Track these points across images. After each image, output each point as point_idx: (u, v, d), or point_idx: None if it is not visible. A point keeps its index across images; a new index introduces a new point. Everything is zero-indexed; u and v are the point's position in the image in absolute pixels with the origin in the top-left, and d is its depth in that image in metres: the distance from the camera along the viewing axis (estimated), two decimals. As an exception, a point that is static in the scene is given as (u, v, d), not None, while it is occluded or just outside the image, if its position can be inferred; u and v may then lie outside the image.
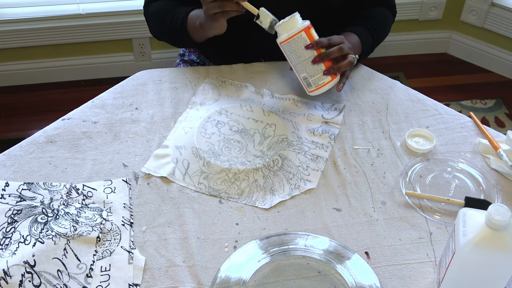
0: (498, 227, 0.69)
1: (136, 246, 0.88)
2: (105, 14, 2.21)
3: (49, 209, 0.91)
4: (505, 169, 1.00)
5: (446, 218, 0.93)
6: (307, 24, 1.05)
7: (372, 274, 0.83)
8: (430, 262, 0.86)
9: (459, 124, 1.12)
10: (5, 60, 2.30)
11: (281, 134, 1.07)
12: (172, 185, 0.99)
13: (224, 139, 1.06)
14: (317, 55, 1.06)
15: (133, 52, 2.37)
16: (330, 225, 0.92)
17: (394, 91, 1.20)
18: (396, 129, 1.11)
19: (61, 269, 0.82)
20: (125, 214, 0.93)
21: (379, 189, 0.98)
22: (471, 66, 2.51)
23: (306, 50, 1.05)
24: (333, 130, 1.10)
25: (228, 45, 1.29)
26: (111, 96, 1.18)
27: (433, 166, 1.02)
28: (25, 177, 0.99)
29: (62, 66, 2.36)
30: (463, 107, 2.26)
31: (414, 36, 2.52)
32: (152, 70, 1.26)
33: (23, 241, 0.84)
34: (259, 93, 1.19)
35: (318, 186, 0.99)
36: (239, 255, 0.86)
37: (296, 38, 1.04)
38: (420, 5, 2.40)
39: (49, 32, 2.22)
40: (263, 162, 1.01)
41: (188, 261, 0.86)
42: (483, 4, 2.32)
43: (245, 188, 0.98)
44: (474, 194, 0.97)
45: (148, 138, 1.08)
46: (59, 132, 1.08)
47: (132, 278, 0.83)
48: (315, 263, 0.85)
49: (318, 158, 1.04)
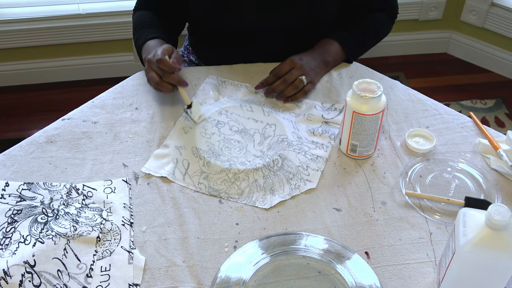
0: (498, 227, 0.69)
1: (136, 246, 0.88)
2: (105, 14, 2.21)
3: (49, 209, 0.91)
4: (505, 169, 1.00)
5: (446, 218, 0.93)
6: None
7: (372, 274, 0.83)
8: (430, 262, 0.86)
9: (459, 124, 1.12)
10: (5, 60, 2.30)
11: (281, 134, 1.07)
12: (172, 185, 0.99)
13: (224, 139, 1.06)
14: (265, 91, 1.18)
15: (133, 52, 2.37)
16: (330, 225, 0.92)
17: (394, 91, 1.20)
18: (396, 129, 1.11)
19: (61, 269, 0.82)
20: (125, 214, 0.93)
21: (379, 189, 0.98)
22: (471, 66, 2.51)
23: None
24: (333, 130, 1.10)
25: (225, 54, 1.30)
26: (111, 96, 1.18)
27: (433, 166, 1.02)
28: (25, 177, 0.99)
29: (62, 66, 2.36)
30: (463, 107, 2.26)
31: (414, 36, 2.52)
32: (152, 70, 1.26)
33: (23, 241, 0.84)
34: (259, 93, 1.19)
35: (318, 186, 0.99)
36: (239, 255, 0.86)
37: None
38: (420, 5, 2.40)
39: (49, 32, 2.22)
40: (263, 162, 1.01)
41: (188, 261, 0.86)
42: (483, 4, 2.32)
43: (245, 188, 0.98)
44: (474, 194, 0.97)
45: (148, 138, 1.08)
46: (59, 132, 1.08)
47: (132, 278, 0.83)
48: (315, 263, 0.85)
49: (318, 158, 1.04)
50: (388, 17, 1.34)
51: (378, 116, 0.97)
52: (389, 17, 1.34)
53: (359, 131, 0.99)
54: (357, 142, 1.01)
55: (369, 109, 0.96)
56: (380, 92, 0.96)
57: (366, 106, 0.96)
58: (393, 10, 1.35)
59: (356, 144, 1.01)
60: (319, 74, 1.22)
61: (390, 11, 1.34)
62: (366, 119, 0.97)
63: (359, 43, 1.28)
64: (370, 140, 1.01)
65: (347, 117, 0.99)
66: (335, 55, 1.24)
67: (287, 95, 1.16)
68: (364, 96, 0.95)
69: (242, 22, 1.23)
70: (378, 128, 1.00)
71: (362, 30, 1.28)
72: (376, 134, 1.01)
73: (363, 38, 1.28)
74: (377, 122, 0.98)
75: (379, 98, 0.96)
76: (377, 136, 1.01)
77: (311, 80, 1.18)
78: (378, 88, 0.96)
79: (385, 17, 1.33)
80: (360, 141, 1.00)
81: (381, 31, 1.34)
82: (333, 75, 1.24)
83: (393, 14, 1.35)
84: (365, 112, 0.96)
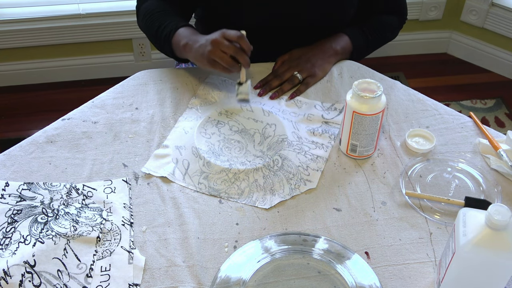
0: (498, 227, 0.69)
1: (136, 246, 0.88)
2: (105, 14, 2.21)
3: (49, 209, 0.91)
4: (505, 169, 1.00)
5: (446, 218, 0.93)
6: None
7: (372, 274, 0.83)
8: (430, 262, 0.86)
9: (459, 124, 1.12)
10: (5, 60, 2.30)
11: (281, 134, 1.07)
12: (172, 185, 0.99)
13: (224, 139, 1.06)
14: (262, 88, 1.20)
15: (133, 52, 2.37)
16: (330, 225, 0.92)
17: (394, 91, 1.20)
18: (396, 129, 1.11)
19: (61, 269, 0.82)
20: (125, 214, 0.93)
21: (379, 189, 0.98)
22: (471, 66, 2.51)
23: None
24: (333, 130, 1.10)
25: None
26: (111, 96, 1.18)
27: (433, 166, 1.02)
28: (25, 177, 0.99)
29: (62, 66, 2.36)
30: (463, 107, 2.26)
31: (414, 36, 2.52)
32: (152, 70, 1.26)
33: (23, 241, 0.84)
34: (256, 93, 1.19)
35: (318, 186, 0.99)
36: (239, 255, 0.86)
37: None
38: (420, 5, 2.40)
39: (49, 32, 2.22)
40: (263, 162, 1.01)
41: (188, 261, 0.86)
42: (483, 4, 2.32)
43: (245, 188, 0.98)
44: (474, 194, 0.97)
45: (148, 138, 1.08)
46: (59, 132, 1.08)
47: (132, 278, 0.83)
48: (315, 263, 0.85)
49: (318, 158, 1.04)
50: (398, 21, 1.36)
51: (378, 116, 0.97)
52: (398, 22, 1.36)
53: (359, 131, 0.99)
54: (357, 142, 1.01)
55: (369, 109, 0.96)
56: (380, 92, 0.96)
57: (366, 106, 0.96)
58: (403, 15, 1.38)
59: (356, 144, 1.01)
60: (325, 65, 1.23)
61: (401, 16, 1.37)
62: (366, 119, 0.97)
63: (367, 40, 1.30)
64: (370, 140, 1.01)
65: (347, 117, 0.99)
66: (344, 45, 1.26)
67: (284, 90, 1.19)
68: (364, 96, 0.95)
69: (257, 19, 1.24)
70: (378, 128, 1.00)
71: (372, 29, 1.31)
72: (376, 134, 1.01)
73: (372, 37, 1.31)
74: (377, 122, 0.98)
75: (379, 98, 0.96)
76: (377, 136, 1.02)
77: (310, 74, 1.20)
78: (378, 88, 0.96)
79: (395, 20, 1.35)
80: (360, 141, 1.00)
81: (389, 34, 1.37)
82: (333, 75, 1.24)
83: (402, 19, 1.38)
84: (365, 112, 0.96)
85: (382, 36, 1.34)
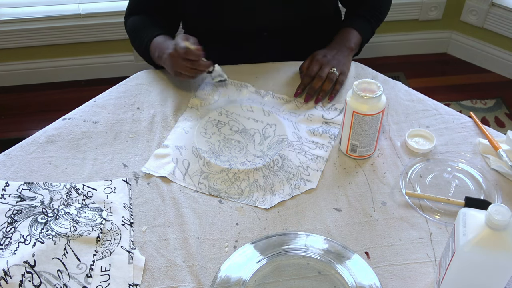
0: (498, 227, 0.69)
1: (136, 246, 0.88)
2: (105, 14, 2.21)
3: (49, 209, 0.91)
4: (505, 169, 1.00)
5: (446, 218, 0.93)
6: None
7: (372, 274, 0.83)
8: (430, 262, 0.86)
9: (459, 124, 1.12)
10: (5, 60, 2.30)
11: (281, 134, 1.07)
12: (172, 185, 0.99)
13: (224, 139, 1.06)
14: (305, 96, 1.18)
15: (133, 52, 2.37)
16: (330, 225, 0.92)
17: (394, 91, 1.20)
18: (396, 129, 1.11)
19: (61, 269, 0.82)
20: (125, 214, 0.93)
21: (379, 189, 0.98)
22: (471, 66, 2.51)
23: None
24: (333, 130, 1.10)
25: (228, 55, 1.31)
26: (113, 96, 1.18)
27: (433, 166, 1.02)
28: (25, 177, 0.99)
29: (62, 66, 2.36)
30: (463, 107, 2.26)
31: (414, 36, 2.52)
32: (153, 70, 1.27)
33: (23, 241, 0.84)
34: (259, 93, 1.19)
35: (318, 186, 0.99)
36: (239, 255, 0.86)
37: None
38: (420, 5, 2.40)
39: (49, 32, 2.22)
40: (263, 162, 1.01)
41: (188, 261, 0.86)
42: (483, 4, 2.32)
43: (245, 188, 0.98)
44: (474, 194, 0.97)
45: (148, 138, 1.08)
46: (59, 132, 1.08)
47: (132, 278, 0.83)
48: (315, 263, 0.85)
49: (318, 158, 1.04)
50: None
51: (378, 116, 0.97)
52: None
53: (359, 131, 0.99)
54: (357, 142, 1.01)
55: (369, 109, 0.96)
56: (380, 92, 0.96)
57: (366, 106, 0.96)
58: None
59: (356, 144, 1.01)
60: (348, 63, 1.24)
61: None
62: (366, 119, 0.97)
63: (372, 26, 1.33)
64: (370, 140, 1.01)
65: (347, 117, 0.99)
66: (356, 40, 1.28)
67: (325, 90, 1.17)
68: (364, 96, 0.95)
69: (236, 23, 1.25)
70: (378, 128, 1.00)
71: (373, 12, 1.33)
72: (376, 134, 1.01)
73: (375, 19, 1.33)
74: (377, 122, 0.98)
75: (379, 98, 0.96)
76: (377, 136, 1.01)
77: (341, 71, 1.20)
78: (378, 88, 0.97)
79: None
80: (360, 141, 1.00)
81: (386, 8, 1.39)
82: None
83: None
84: (365, 112, 0.96)
85: (381, 15, 1.36)
